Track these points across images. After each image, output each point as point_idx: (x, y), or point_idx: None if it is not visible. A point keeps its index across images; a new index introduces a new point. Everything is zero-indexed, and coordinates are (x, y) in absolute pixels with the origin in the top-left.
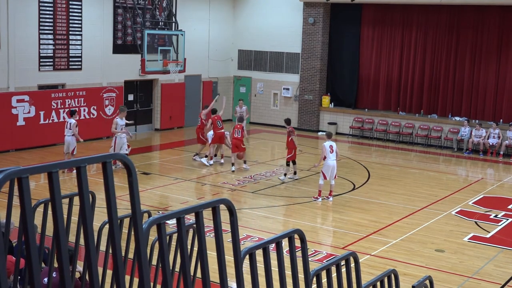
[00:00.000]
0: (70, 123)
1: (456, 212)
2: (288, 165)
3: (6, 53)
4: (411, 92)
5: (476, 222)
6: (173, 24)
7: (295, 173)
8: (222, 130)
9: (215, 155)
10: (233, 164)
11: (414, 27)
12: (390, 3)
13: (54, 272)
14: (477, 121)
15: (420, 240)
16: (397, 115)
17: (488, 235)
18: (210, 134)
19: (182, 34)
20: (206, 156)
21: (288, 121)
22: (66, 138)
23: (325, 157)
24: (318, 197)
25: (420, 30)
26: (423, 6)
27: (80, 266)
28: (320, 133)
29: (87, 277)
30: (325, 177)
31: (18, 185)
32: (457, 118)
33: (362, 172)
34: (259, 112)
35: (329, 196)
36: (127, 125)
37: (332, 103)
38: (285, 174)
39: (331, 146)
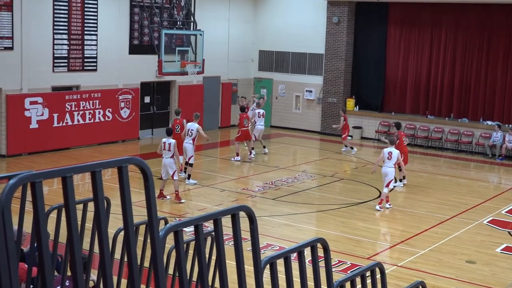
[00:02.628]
0: (170, 143)
1: (488, 222)
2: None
3: (20, 54)
4: (440, 95)
5: (509, 232)
6: (192, 23)
7: (404, 177)
8: (247, 128)
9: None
10: None
11: (443, 26)
12: (418, 2)
13: (67, 281)
14: (510, 125)
15: (449, 251)
16: (426, 119)
17: None
18: None
19: (201, 34)
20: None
21: (398, 125)
22: (164, 161)
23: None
24: (383, 204)
25: (450, 30)
26: (452, 5)
27: (94, 275)
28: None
29: (101, 286)
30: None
31: (32, 190)
32: (489, 123)
33: None
34: (281, 115)
35: (387, 204)
36: None
37: (357, 106)
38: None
39: (390, 153)
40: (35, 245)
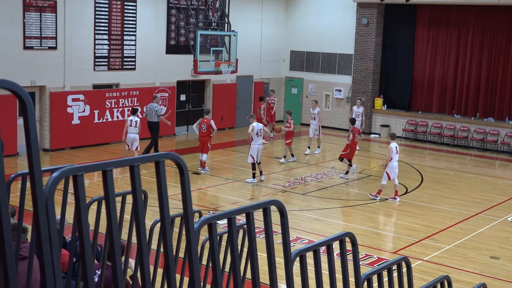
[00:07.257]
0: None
1: None
2: (344, 162)
3: (63, 53)
4: (466, 95)
5: None
6: (226, 24)
7: (346, 172)
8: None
9: None
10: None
11: (470, 27)
12: (445, 4)
13: (106, 269)
14: None
15: (474, 247)
16: (452, 118)
17: None
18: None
19: (234, 35)
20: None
21: (352, 121)
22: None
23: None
24: (378, 195)
25: (477, 31)
26: (480, 6)
27: (132, 264)
28: (372, 135)
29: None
30: (389, 178)
31: (74, 183)
32: None
33: (415, 175)
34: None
35: (396, 197)
36: None
37: (385, 105)
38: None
39: (396, 147)
40: (77, 234)
